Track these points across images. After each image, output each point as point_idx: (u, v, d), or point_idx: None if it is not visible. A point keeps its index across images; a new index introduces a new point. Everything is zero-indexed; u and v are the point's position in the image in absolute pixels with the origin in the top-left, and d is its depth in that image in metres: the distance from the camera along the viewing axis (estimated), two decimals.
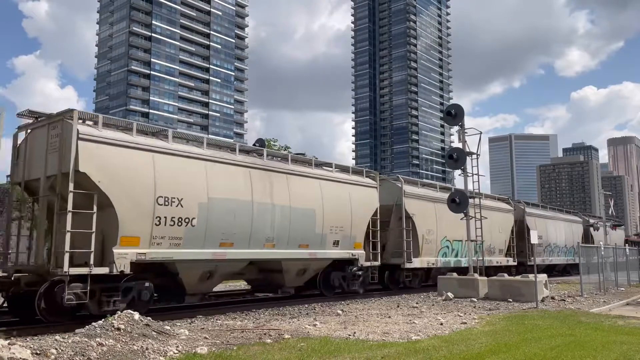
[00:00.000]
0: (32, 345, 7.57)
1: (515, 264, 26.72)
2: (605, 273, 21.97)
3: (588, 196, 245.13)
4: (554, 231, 32.22)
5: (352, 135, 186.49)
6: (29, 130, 12.27)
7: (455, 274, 19.82)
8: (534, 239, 18.29)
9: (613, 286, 22.84)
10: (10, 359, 6.62)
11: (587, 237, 37.82)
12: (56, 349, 7.46)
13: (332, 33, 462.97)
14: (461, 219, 21.04)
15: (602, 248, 22.72)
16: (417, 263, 20.77)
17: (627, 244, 44.10)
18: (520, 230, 28.27)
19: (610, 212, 66.94)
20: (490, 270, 23.86)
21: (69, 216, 10.48)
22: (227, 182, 13.59)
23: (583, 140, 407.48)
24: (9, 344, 7.00)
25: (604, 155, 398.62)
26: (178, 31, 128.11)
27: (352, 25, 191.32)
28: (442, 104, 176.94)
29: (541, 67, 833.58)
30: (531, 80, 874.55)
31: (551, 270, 33.35)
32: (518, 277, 18.63)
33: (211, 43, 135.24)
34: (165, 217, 12.00)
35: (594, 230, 38.81)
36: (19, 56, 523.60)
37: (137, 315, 9.30)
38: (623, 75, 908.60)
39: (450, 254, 22.93)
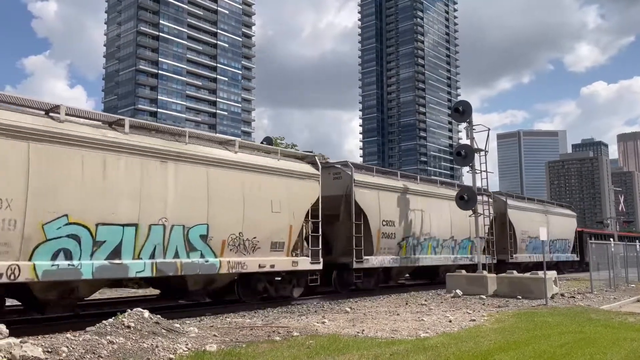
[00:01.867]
0: (43, 344, 7.64)
1: (319, 267, 15.77)
2: (615, 269, 21.81)
3: (598, 192, 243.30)
4: (422, 215, 20.81)
5: (360, 133, 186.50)
6: None
7: (464, 271, 19.75)
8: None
9: (623, 283, 22.69)
10: (22, 357, 6.68)
11: (503, 227, 26.39)
12: (67, 347, 7.52)
13: (339, 31, 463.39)
14: (469, 216, 20.97)
15: (613, 245, 22.55)
16: None
17: (590, 239, 38.00)
18: (346, 213, 17.62)
19: (620, 209, 66.36)
20: (250, 280, 14.59)
21: None
22: None
23: (592, 136, 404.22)
24: (20, 342, 7.07)
25: (614, 151, 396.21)
26: (185, 30, 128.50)
27: (359, 23, 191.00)
28: (449, 100, 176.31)
29: (550, 63, 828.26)
30: (540, 76, 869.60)
31: (431, 275, 23.01)
32: (527, 274, 18.55)
33: (218, 42, 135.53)
34: None
35: (604, 226, 37.98)
36: (28, 56, 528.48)
37: (147, 313, 9.36)
38: (634, 70, 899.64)
39: (139, 251, 11.47)
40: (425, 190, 21.60)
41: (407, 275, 24.95)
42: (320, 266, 15.88)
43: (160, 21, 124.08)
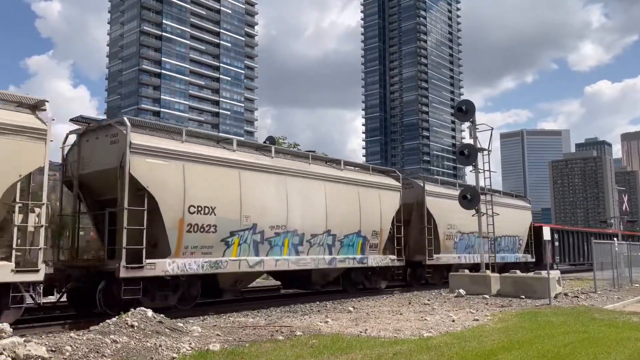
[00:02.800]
0: (47, 343, 7.66)
1: (32, 278, 10.10)
2: (619, 269, 21.75)
3: (601, 192, 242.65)
4: (272, 200, 14.88)
5: (362, 132, 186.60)
6: None
7: (467, 271, 19.71)
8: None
9: (627, 282, 22.62)
10: (27, 356, 6.70)
11: (422, 220, 20.85)
12: (71, 346, 7.54)
13: (342, 30, 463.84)
14: (472, 216, 20.91)
15: (617, 244, 22.48)
16: None
17: (554, 236, 31.23)
18: (134, 197, 11.99)
19: (624, 208, 66.14)
20: None
21: None
22: None
23: (596, 136, 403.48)
24: (24, 341, 7.09)
25: (617, 151, 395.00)
26: (188, 30, 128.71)
27: (362, 22, 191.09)
28: (452, 100, 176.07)
29: (554, 62, 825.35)
30: (544, 75, 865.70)
31: (302, 283, 17.45)
32: (531, 274, 18.52)
33: (221, 41, 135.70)
34: None
35: (607, 226, 36.54)
36: (32, 56, 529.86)
37: (150, 313, 9.38)
38: (638, 69, 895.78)
39: None
40: (281, 166, 15.24)
41: (279, 283, 19.45)
42: (35, 277, 10.03)
43: (163, 21, 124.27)
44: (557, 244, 32.11)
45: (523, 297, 16.79)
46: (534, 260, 29.04)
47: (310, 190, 16.04)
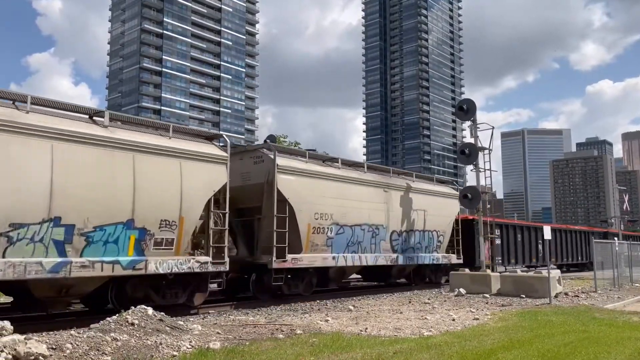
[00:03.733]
0: (47, 340, 7.66)
1: None
2: (619, 269, 21.74)
3: (602, 192, 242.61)
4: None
5: (363, 131, 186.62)
6: None
7: (467, 270, 19.71)
8: None
9: (627, 282, 22.62)
10: (27, 353, 6.70)
11: (272, 206, 14.60)
12: (71, 343, 7.54)
13: (343, 28, 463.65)
14: (469, 210, 20.85)
15: (617, 244, 22.47)
16: None
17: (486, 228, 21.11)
18: None
19: (624, 208, 66.16)
20: None
21: None
22: None
23: (597, 135, 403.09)
24: (25, 338, 7.09)
25: (618, 150, 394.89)
26: (189, 28, 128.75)
27: (363, 21, 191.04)
28: (453, 99, 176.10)
29: (556, 61, 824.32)
30: (545, 75, 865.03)
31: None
32: (531, 273, 18.53)
33: (222, 40, 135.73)
34: None
35: (609, 225, 36.16)
36: (33, 54, 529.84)
37: (150, 311, 9.38)
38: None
39: None
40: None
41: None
42: None
43: (164, 19, 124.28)
44: (498, 241, 25.88)
45: (523, 296, 16.79)
46: (460, 261, 22.25)
47: (20, 152, 9.94)
